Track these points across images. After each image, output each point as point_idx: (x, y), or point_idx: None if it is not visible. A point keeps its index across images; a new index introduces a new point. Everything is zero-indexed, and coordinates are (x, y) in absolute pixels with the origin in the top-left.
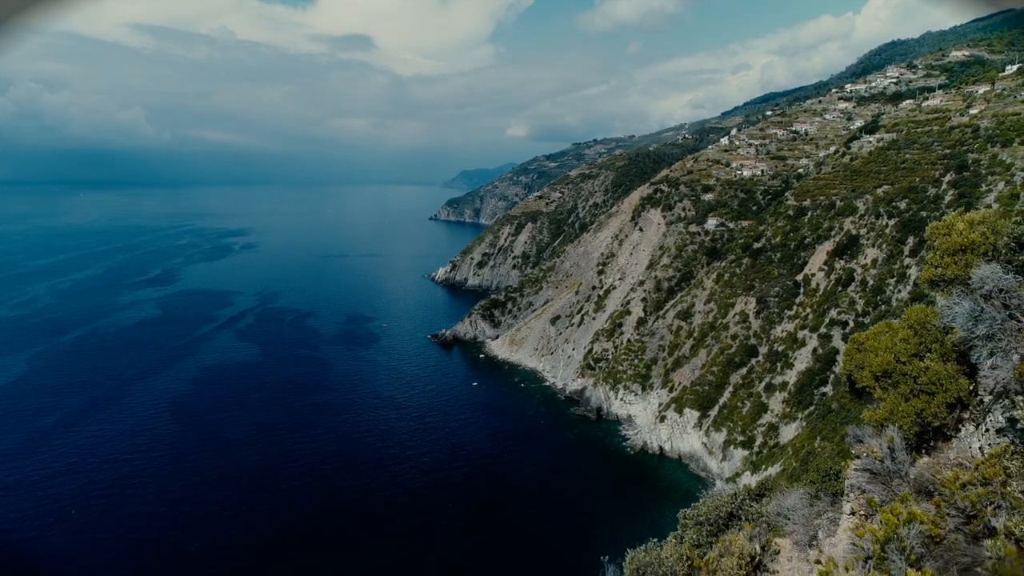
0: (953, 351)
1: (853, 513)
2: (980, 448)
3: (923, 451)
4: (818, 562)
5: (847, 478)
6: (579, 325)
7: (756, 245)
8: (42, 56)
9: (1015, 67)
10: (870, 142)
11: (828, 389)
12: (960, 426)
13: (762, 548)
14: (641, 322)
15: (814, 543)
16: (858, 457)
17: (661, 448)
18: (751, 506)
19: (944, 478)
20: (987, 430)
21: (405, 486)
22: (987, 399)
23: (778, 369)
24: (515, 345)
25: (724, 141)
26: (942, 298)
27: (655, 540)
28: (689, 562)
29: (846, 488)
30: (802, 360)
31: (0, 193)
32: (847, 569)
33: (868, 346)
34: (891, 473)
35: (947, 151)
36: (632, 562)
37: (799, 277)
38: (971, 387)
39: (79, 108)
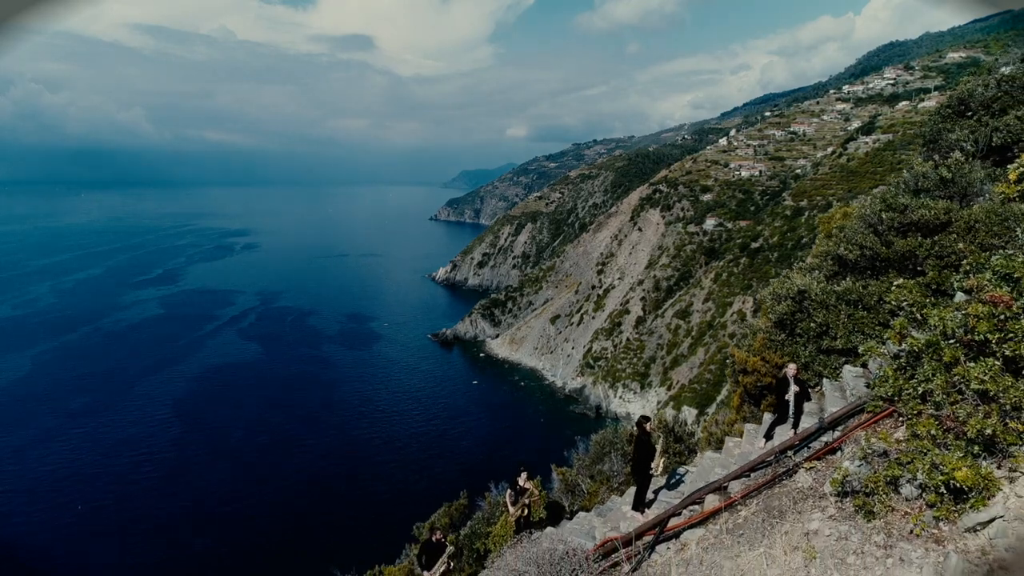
0: None
1: None
2: None
3: None
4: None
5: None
6: (578, 324)
7: (754, 245)
8: (42, 56)
9: (1008, 69)
10: (867, 143)
11: None
12: None
13: (681, 425)
14: (640, 321)
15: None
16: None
17: None
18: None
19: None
20: None
21: (406, 482)
22: None
23: None
24: (515, 344)
25: (723, 142)
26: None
27: (611, 422)
28: (631, 433)
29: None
30: None
31: (0, 193)
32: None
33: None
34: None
35: None
36: (596, 436)
37: None
38: None
39: (79, 108)
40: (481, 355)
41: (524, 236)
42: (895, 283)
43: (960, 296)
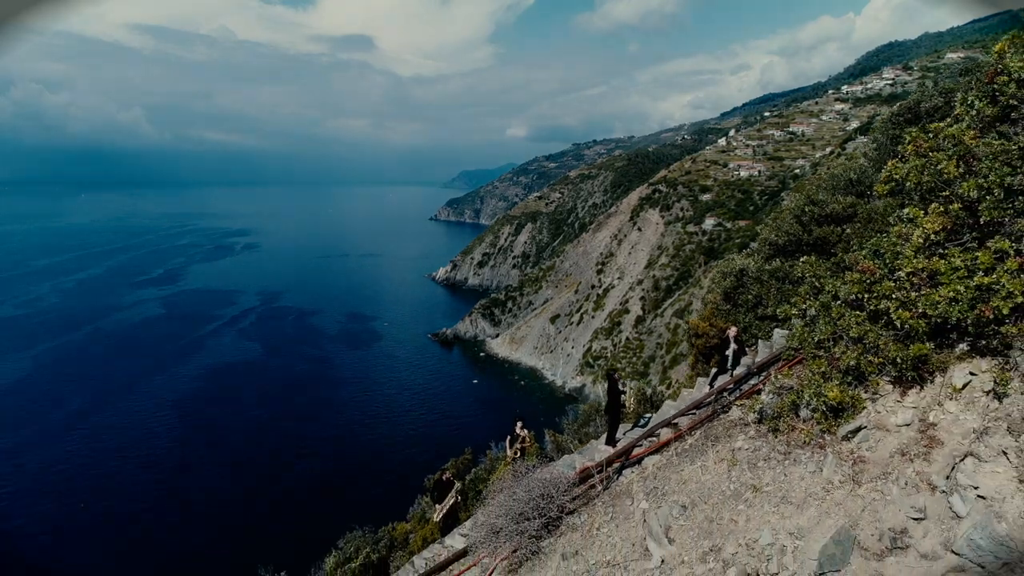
0: None
1: None
2: None
3: None
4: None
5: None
6: (578, 324)
7: (753, 244)
8: (42, 56)
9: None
10: (865, 143)
11: None
12: None
13: (658, 395)
14: (639, 320)
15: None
16: None
17: None
18: None
19: None
20: None
21: (407, 481)
22: None
23: None
24: (515, 343)
25: (722, 142)
26: None
27: (599, 405)
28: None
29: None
30: None
31: (0, 193)
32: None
33: None
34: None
35: None
36: (584, 406)
37: None
38: None
39: (79, 108)
40: (481, 354)
41: (524, 236)
42: (802, 259)
43: None
